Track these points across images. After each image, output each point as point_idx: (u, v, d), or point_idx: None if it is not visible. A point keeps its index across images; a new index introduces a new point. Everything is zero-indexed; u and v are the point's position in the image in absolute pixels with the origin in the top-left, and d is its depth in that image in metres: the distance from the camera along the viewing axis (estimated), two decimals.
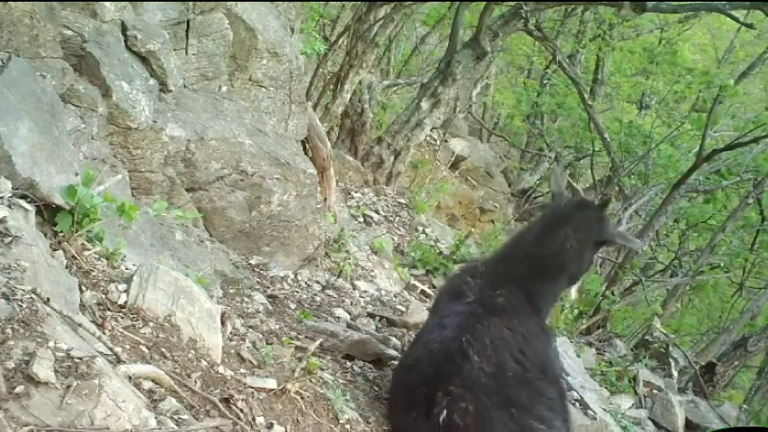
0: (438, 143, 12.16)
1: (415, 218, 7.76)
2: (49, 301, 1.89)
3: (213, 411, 2.14)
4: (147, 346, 2.24)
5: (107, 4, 3.70)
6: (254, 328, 3.19)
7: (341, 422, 2.65)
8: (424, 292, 5.84)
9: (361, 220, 6.98)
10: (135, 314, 2.35)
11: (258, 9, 4.88)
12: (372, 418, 2.88)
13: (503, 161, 14.99)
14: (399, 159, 8.08)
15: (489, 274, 3.10)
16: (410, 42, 13.61)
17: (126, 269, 2.71)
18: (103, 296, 2.36)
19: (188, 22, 4.31)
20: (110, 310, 2.33)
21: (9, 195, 2.24)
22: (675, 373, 6.43)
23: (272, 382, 2.52)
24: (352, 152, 8.14)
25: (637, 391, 5.39)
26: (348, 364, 3.41)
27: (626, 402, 5.04)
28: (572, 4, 10.23)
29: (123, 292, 2.41)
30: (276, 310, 3.87)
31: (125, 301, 2.38)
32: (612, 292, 7.17)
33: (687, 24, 11.93)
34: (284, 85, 5.09)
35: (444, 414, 2.56)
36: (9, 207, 2.17)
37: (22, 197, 2.32)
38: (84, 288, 2.34)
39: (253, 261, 4.38)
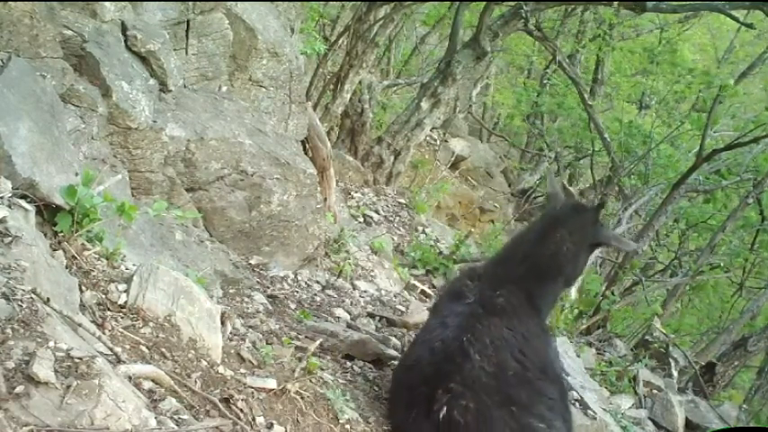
0: (438, 143, 12.16)
1: (415, 218, 7.76)
2: (49, 301, 1.89)
3: (213, 411, 2.14)
4: (147, 346, 2.24)
5: (107, 4, 3.70)
6: (254, 328, 3.19)
7: (341, 422, 2.64)
8: (424, 292, 5.84)
9: (361, 220, 6.98)
10: (135, 314, 2.35)
11: (258, 9, 4.87)
12: (372, 418, 2.88)
13: (503, 161, 15.00)
14: (399, 159, 8.08)
15: (489, 275, 3.14)
16: (410, 42, 13.61)
17: (126, 269, 2.71)
18: (103, 296, 2.36)
19: (188, 22, 4.31)
20: (110, 310, 2.33)
21: (9, 195, 2.23)
22: (675, 373, 6.43)
23: (272, 382, 2.52)
24: (352, 152, 8.14)
25: (637, 391, 5.39)
26: (348, 364, 3.41)
27: (626, 402, 5.04)
28: (572, 4, 10.23)
29: (123, 292, 2.41)
30: (276, 310, 3.87)
31: (125, 301, 2.38)
32: (612, 292, 7.17)
33: (687, 24, 11.93)
34: (284, 85, 5.09)
35: (444, 411, 2.56)
36: (9, 207, 2.17)
37: (22, 197, 2.32)
38: (84, 288, 2.34)
39: (253, 261, 4.38)
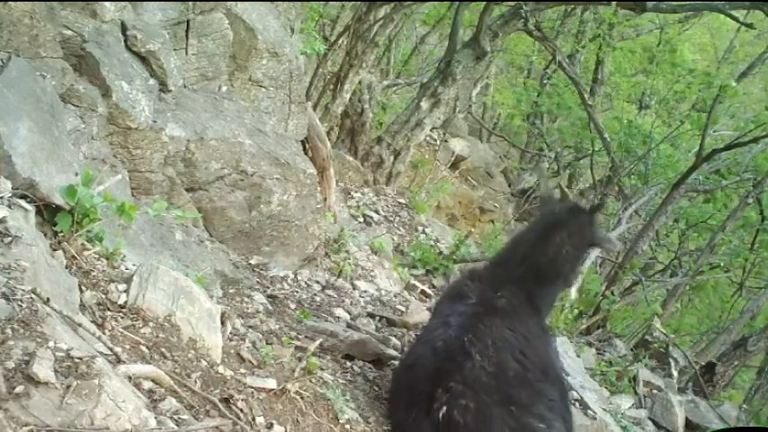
0: (438, 143, 12.16)
1: (414, 218, 7.77)
2: (48, 301, 1.89)
3: (213, 411, 2.14)
4: (147, 346, 2.24)
5: (107, 4, 3.70)
6: (254, 328, 3.19)
7: (341, 422, 2.65)
8: (423, 292, 5.84)
9: (361, 220, 6.98)
10: (135, 314, 2.35)
11: (258, 9, 4.88)
12: (372, 418, 2.88)
13: (503, 161, 14.99)
14: (399, 159, 8.08)
15: (490, 276, 3.17)
16: (410, 42, 13.60)
17: (126, 269, 2.71)
18: (103, 296, 2.36)
19: (188, 22, 4.31)
20: (110, 310, 2.33)
21: (9, 195, 2.23)
22: (675, 373, 6.43)
23: (271, 382, 2.53)
24: (352, 152, 8.14)
25: (637, 391, 5.39)
26: (348, 364, 3.41)
27: (626, 402, 5.04)
28: (572, 3, 10.23)
29: (123, 292, 2.41)
30: (276, 310, 3.87)
31: (125, 301, 2.38)
32: (612, 292, 7.17)
33: (687, 24, 11.93)
34: (284, 85, 5.09)
35: (444, 410, 2.56)
36: (9, 207, 2.17)
37: (22, 197, 2.32)
38: (84, 288, 2.34)
39: (253, 261, 4.38)
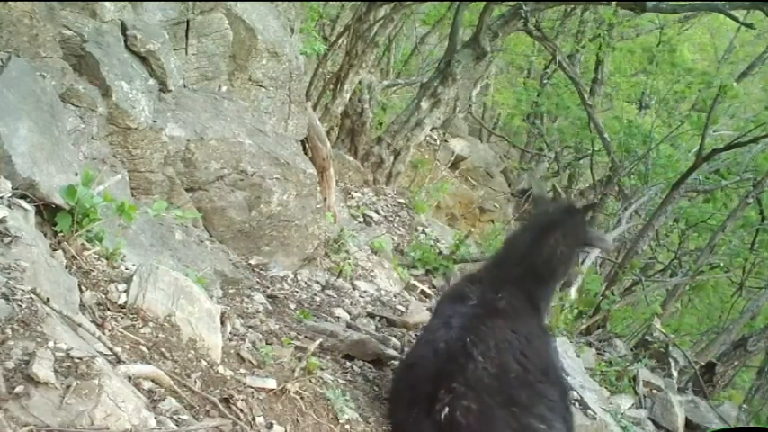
0: (438, 143, 12.15)
1: (414, 218, 7.76)
2: (48, 301, 1.89)
3: (213, 411, 2.14)
4: (147, 346, 2.24)
5: (107, 4, 3.70)
6: (253, 328, 3.19)
7: (341, 422, 2.65)
8: (423, 291, 5.84)
9: (361, 220, 6.98)
10: (135, 314, 2.35)
11: (258, 9, 4.87)
12: (372, 418, 2.88)
13: (503, 161, 14.99)
14: (399, 159, 8.08)
15: (489, 278, 3.19)
16: (410, 42, 13.60)
17: (126, 269, 2.71)
18: (103, 296, 2.36)
19: (188, 22, 4.31)
20: (110, 310, 2.33)
21: (9, 195, 2.23)
22: (675, 373, 6.43)
23: (271, 382, 2.53)
24: (352, 152, 8.14)
25: (637, 391, 5.39)
26: (348, 364, 3.41)
27: (626, 402, 5.04)
28: (572, 3, 10.23)
29: (123, 292, 2.41)
30: (276, 310, 3.87)
31: (125, 301, 2.38)
32: (612, 292, 7.18)
33: (687, 24, 11.93)
34: (284, 85, 5.09)
35: (446, 411, 2.57)
36: (9, 207, 2.17)
37: (22, 197, 2.32)
38: (84, 288, 2.34)
39: (253, 261, 4.38)
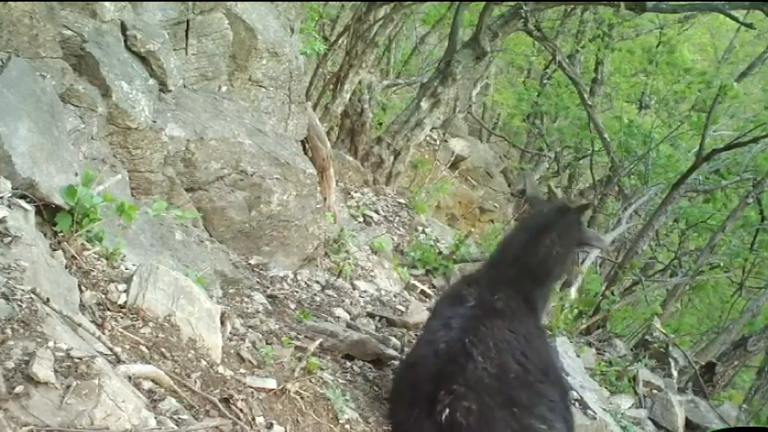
0: (438, 143, 12.15)
1: (414, 218, 7.76)
2: (48, 301, 1.89)
3: (213, 411, 2.14)
4: (147, 346, 2.24)
5: (107, 4, 3.70)
6: (253, 328, 3.19)
7: (341, 422, 2.65)
8: (423, 292, 5.84)
9: (361, 220, 6.98)
10: (135, 314, 2.35)
11: (258, 9, 4.87)
12: (372, 418, 2.88)
13: (503, 161, 14.99)
14: (399, 159, 8.08)
15: (485, 279, 3.21)
16: (410, 42, 13.60)
17: (126, 269, 2.71)
18: (103, 296, 2.36)
19: (188, 22, 4.31)
20: (110, 310, 2.33)
21: (9, 195, 2.23)
22: (675, 373, 6.43)
23: (271, 382, 2.53)
24: (352, 152, 8.13)
25: (636, 391, 5.38)
26: (348, 364, 3.41)
27: (626, 402, 5.04)
28: (572, 3, 10.23)
29: (123, 292, 2.41)
30: (276, 310, 3.87)
31: (125, 301, 2.38)
32: (612, 292, 7.18)
33: (687, 24, 11.92)
34: (284, 85, 5.09)
35: (447, 412, 2.57)
36: (9, 207, 2.17)
37: (22, 197, 2.32)
38: (84, 288, 2.34)
39: (252, 261, 4.38)
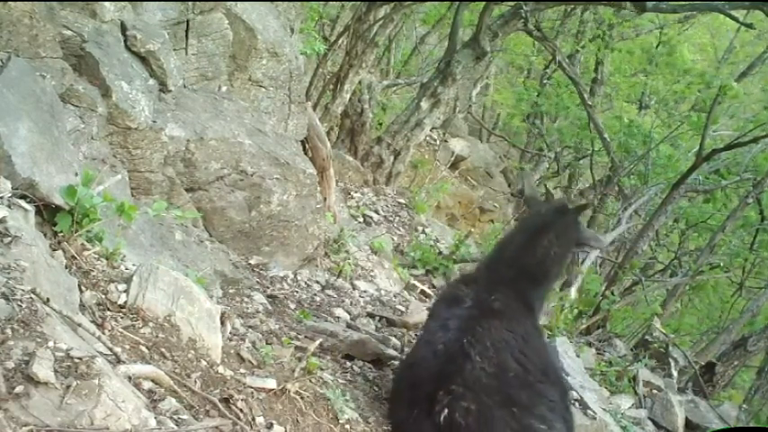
0: (438, 143, 12.16)
1: (414, 218, 7.76)
2: (48, 301, 1.89)
3: (213, 411, 2.14)
4: (147, 346, 2.24)
5: (107, 4, 3.70)
6: (253, 328, 3.19)
7: (341, 422, 2.65)
8: (423, 292, 5.84)
9: (361, 220, 6.98)
10: (135, 314, 2.35)
11: (258, 9, 4.87)
12: (372, 418, 2.88)
13: (503, 161, 14.99)
14: (399, 159, 8.07)
15: (482, 279, 3.22)
16: (410, 42, 13.60)
17: (126, 269, 2.71)
18: (103, 296, 2.36)
19: (188, 22, 4.31)
20: (109, 310, 2.33)
21: (9, 195, 2.23)
22: (675, 373, 6.43)
23: (271, 382, 2.53)
24: (352, 152, 8.13)
25: (636, 391, 5.38)
26: (348, 364, 3.41)
27: (626, 402, 5.04)
28: (572, 3, 10.23)
29: (123, 292, 2.41)
30: (276, 310, 3.87)
31: (125, 301, 2.38)
32: (612, 292, 7.18)
33: (687, 24, 11.92)
34: (284, 85, 5.09)
35: (446, 413, 2.57)
36: (9, 207, 2.17)
37: (22, 197, 2.32)
38: (84, 288, 2.34)
39: (252, 261, 4.38)
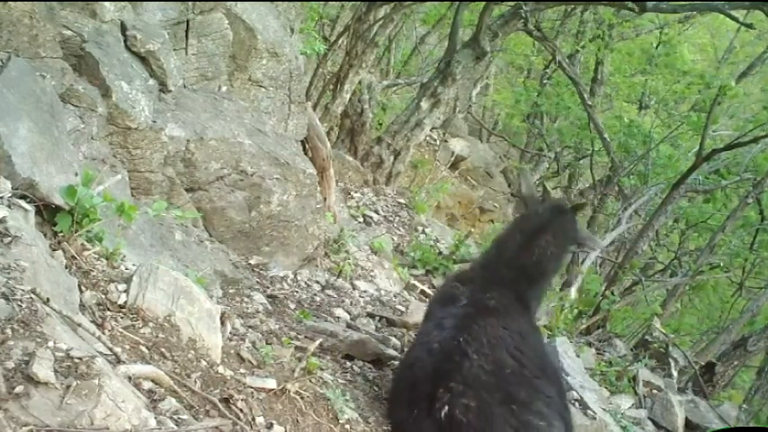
0: (438, 143, 12.16)
1: (414, 218, 7.76)
2: (48, 301, 1.89)
3: (213, 411, 2.14)
4: (147, 346, 2.24)
5: (107, 4, 3.70)
6: (253, 328, 3.19)
7: (341, 422, 2.65)
8: (423, 292, 5.84)
9: (361, 220, 6.98)
10: (135, 314, 2.35)
11: (258, 9, 4.87)
12: (372, 418, 2.88)
13: (502, 161, 15.00)
14: (399, 159, 8.08)
15: (478, 278, 3.21)
16: (410, 42, 13.60)
17: (126, 269, 2.71)
18: (103, 296, 2.36)
19: (188, 22, 4.31)
20: (109, 310, 2.33)
21: (9, 195, 2.23)
22: (675, 373, 6.42)
23: (271, 382, 2.53)
24: (352, 152, 8.13)
25: (636, 391, 5.38)
26: (348, 364, 3.41)
27: (626, 402, 5.04)
28: (572, 3, 10.23)
29: (123, 292, 2.41)
30: (276, 310, 3.87)
31: (125, 301, 2.38)
32: (612, 292, 7.18)
33: (687, 24, 11.93)
34: (284, 85, 5.09)
35: (446, 410, 2.58)
36: (9, 207, 2.17)
37: (22, 197, 2.32)
38: (84, 288, 2.34)
39: (252, 261, 4.38)
